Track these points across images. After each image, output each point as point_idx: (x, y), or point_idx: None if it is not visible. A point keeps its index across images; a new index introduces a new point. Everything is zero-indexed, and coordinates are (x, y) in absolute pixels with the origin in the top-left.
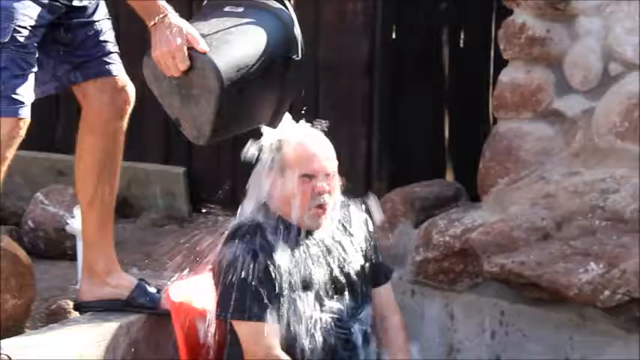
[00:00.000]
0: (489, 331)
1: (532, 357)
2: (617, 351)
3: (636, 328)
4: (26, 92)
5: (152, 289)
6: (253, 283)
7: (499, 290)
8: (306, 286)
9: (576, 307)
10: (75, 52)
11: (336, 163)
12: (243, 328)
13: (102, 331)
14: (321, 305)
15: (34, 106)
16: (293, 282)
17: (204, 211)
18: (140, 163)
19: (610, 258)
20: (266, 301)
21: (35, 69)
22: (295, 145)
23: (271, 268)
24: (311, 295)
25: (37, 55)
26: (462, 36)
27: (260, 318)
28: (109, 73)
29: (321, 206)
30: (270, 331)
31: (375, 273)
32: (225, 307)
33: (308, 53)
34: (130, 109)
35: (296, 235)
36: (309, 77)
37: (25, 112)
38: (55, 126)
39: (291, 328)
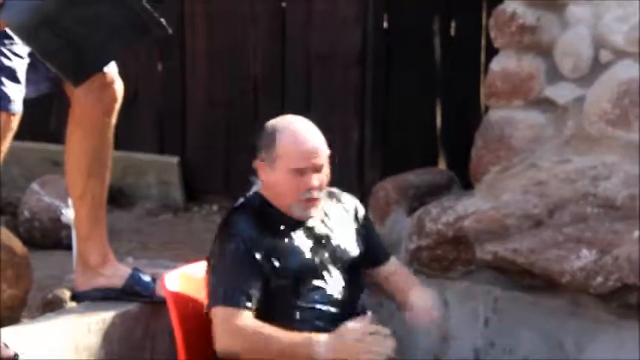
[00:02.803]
0: (483, 318)
1: (525, 343)
2: (610, 337)
3: (629, 314)
4: (14, 88)
5: (146, 278)
6: (232, 269)
7: (492, 277)
8: (296, 275)
9: (569, 294)
10: None
11: (327, 155)
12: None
13: (97, 320)
14: (311, 294)
15: (30, 97)
16: (280, 270)
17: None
18: (134, 153)
19: (602, 244)
20: (244, 287)
21: (26, 60)
22: (286, 139)
23: (257, 255)
24: (302, 284)
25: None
26: (453, 25)
27: (235, 304)
28: None
29: (311, 199)
30: (243, 316)
31: (374, 254)
32: (211, 297)
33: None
34: (117, 105)
35: (287, 224)
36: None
37: (16, 107)
38: (50, 116)
39: (280, 318)
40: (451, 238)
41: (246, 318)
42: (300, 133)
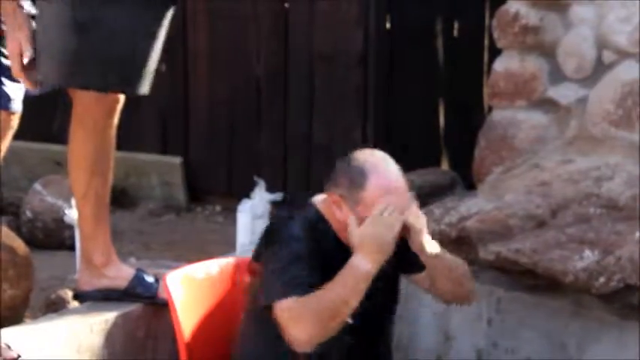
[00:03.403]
0: (486, 318)
1: (528, 344)
2: (613, 338)
3: (631, 314)
4: (14, 86)
5: (150, 279)
6: (289, 265)
7: (495, 278)
8: None
9: (572, 294)
10: None
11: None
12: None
13: (100, 320)
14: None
15: (33, 96)
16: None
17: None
18: (137, 154)
19: (605, 245)
20: (302, 279)
21: None
22: (376, 189)
23: (312, 262)
24: None
25: None
26: (456, 25)
27: (293, 293)
28: None
29: None
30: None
31: (409, 264)
32: (269, 296)
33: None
34: (119, 105)
35: (341, 249)
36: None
37: (15, 106)
38: (53, 116)
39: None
40: (454, 238)
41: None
42: (390, 184)
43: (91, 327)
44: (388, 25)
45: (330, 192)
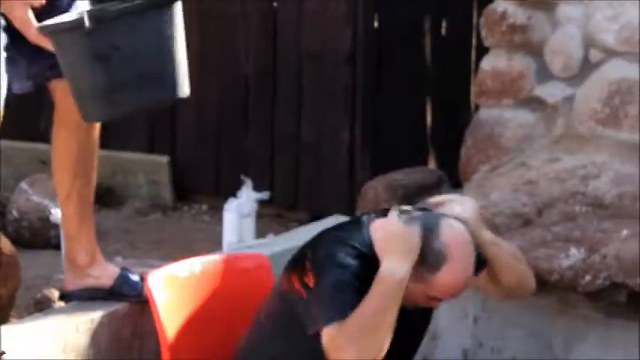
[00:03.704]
0: (472, 317)
1: (514, 343)
2: (599, 336)
3: (617, 312)
4: None
5: (135, 278)
6: (333, 290)
7: None
8: None
9: (558, 293)
10: (45, 51)
11: None
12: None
13: (86, 320)
14: None
15: (18, 95)
16: None
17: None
18: (124, 152)
19: (591, 243)
20: (343, 303)
21: (3, 54)
22: (448, 277)
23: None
24: None
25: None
26: (444, 24)
27: (337, 319)
28: None
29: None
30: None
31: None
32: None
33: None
34: None
35: None
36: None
37: None
38: (39, 116)
39: None
40: None
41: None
42: (466, 273)
43: (77, 326)
44: (376, 24)
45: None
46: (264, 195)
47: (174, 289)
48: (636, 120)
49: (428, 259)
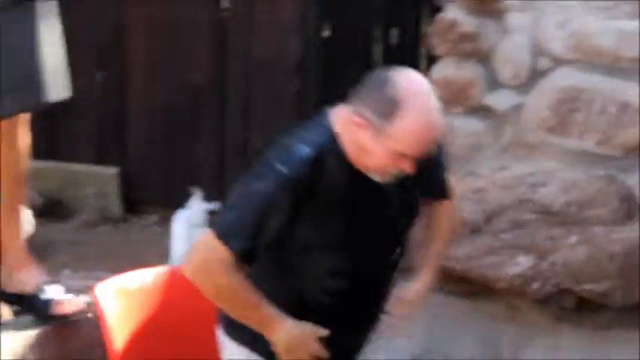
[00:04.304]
0: (421, 324)
1: (463, 350)
2: (546, 341)
3: (566, 317)
4: None
5: (49, 296)
6: (251, 212)
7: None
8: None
9: (507, 299)
10: None
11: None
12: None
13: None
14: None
15: None
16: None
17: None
18: (72, 164)
19: (540, 250)
20: (249, 235)
21: None
22: (409, 124)
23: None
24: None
25: None
26: (394, 33)
27: (228, 241)
28: None
29: (394, 175)
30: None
31: (427, 188)
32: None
33: None
34: (25, 116)
35: (353, 181)
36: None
37: None
38: None
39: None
40: None
41: (227, 262)
42: (425, 120)
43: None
44: (326, 33)
45: (354, 111)
46: (215, 205)
47: (122, 300)
48: (584, 128)
49: (382, 107)
